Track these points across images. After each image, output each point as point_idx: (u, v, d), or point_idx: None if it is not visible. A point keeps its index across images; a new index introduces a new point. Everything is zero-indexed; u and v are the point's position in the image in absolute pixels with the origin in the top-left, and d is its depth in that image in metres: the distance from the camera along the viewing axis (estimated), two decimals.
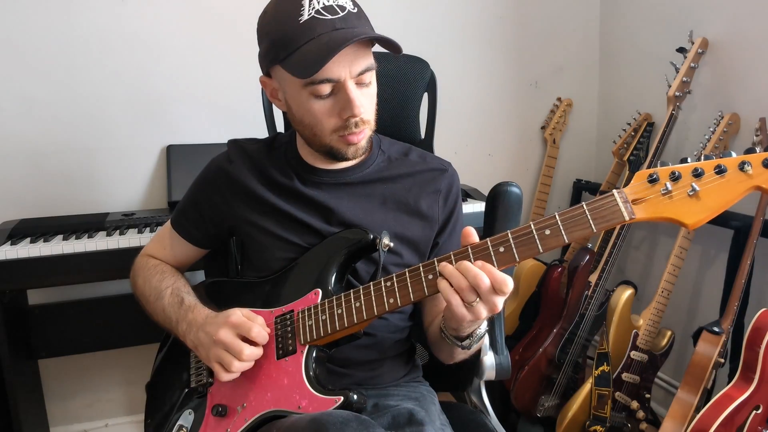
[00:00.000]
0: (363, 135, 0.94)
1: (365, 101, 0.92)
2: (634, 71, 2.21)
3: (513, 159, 2.40)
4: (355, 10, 0.90)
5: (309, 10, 0.87)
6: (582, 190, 2.38)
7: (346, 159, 0.98)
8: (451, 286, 0.77)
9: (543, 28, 2.32)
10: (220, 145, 1.11)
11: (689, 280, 1.96)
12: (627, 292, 1.84)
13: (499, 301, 0.77)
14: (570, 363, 1.86)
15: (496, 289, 0.75)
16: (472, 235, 0.81)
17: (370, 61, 0.91)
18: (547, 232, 0.75)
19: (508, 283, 0.75)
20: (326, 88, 0.89)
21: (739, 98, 1.74)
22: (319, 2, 0.87)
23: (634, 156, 2.03)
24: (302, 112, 0.94)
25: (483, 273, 0.75)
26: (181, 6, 1.91)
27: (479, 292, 0.76)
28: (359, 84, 0.91)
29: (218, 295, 1.06)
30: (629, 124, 2.10)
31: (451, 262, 0.79)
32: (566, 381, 1.88)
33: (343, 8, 0.88)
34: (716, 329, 1.54)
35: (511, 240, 0.77)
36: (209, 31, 1.95)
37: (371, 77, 0.93)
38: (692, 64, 1.76)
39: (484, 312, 0.78)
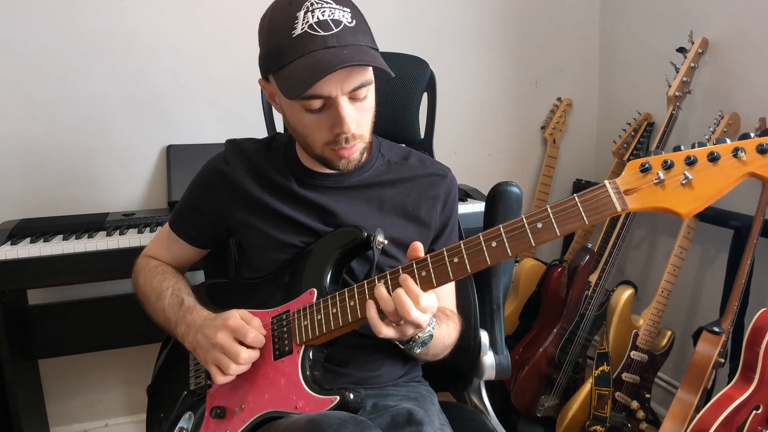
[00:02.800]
0: (355, 149, 0.94)
1: (359, 116, 0.91)
2: (634, 71, 2.21)
3: (513, 159, 2.40)
4: (353, 24, 0.87)
5: (303, 24, 0.84)
6: (582, 190, 2.37)
7: (339, 170, 0.98)
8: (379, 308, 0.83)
9: (543, 28, 2.32)
10: (220, 145, 1.11)
11: (689, 280, 1.96)
12: (627, 292, 1.84)
13: (424, 318, 0.81)
14: (570, 363, 1.86)
15: (401, 313, 0.79)
16: (419, 250, 0.84)
17: (365, 77, 0.88)
18: (539, 225, 0.75)
19: (410, 311, 0.79)
20: (317, 103, 0.88)
21: (739, 98, 1.74)
22: (313, 16, 0.84)
23: (634, 156, 2.03)
24: (295, 122, 0.94)
25: (392, 300, 0.80)
26: (181, 6, 1.91)
27: (388, 314, 0.82)
28: (353, 99, 0.89)
29: (217, 296, 1.06)
30: (629, 124, 2.10)
31: (387, 283, 0.83)
32: (566, 381, 1.88)
33: (338, 23, 0.85)
34: (716, 329, 1.54)
35: (503, 234, 0.77)
36: (209, 31, 1.95)
37: (367, 91, 0.90)
38: (692, 64, 1.76)
39: (408, 329, 0.83)
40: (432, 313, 0.83)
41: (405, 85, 1.37)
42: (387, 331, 0.82)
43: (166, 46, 1.91)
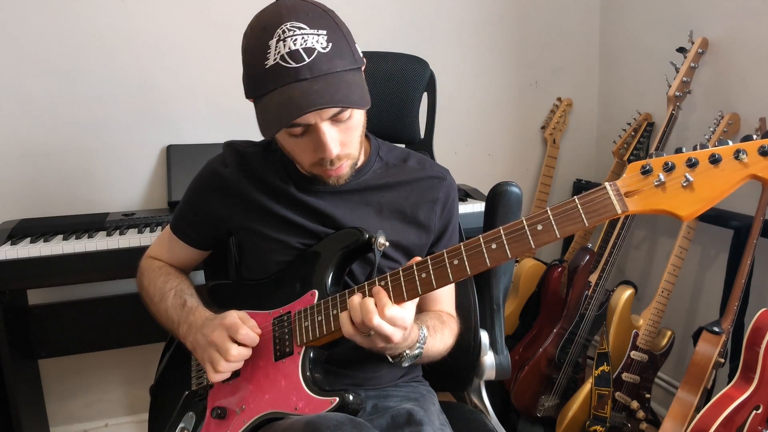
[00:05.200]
0: (343, 168, 0.93)
1: (344, 137, 0.90)
2: (634, 71, 2.21)
3: (513, 159, 2.40)
4: (327, 49, 0.83)
5: (274, 55, 0.82)
6: (582, 190, 2.36)
7: (329, 185, 0.98)
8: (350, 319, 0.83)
9: (543, 28, 2.31)
10: (220, 145, 1.11)
11: (689, 280, 1.96)
12: (627, 292, 1.84)
13: (391, 331, 0.80)
14: (570, 363, 1.86)
15: (364, 320, 0.80)
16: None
17: None
18: (539, 227, 0.75)
19: (372, 318, 0.79)
20: (298, 130, 0.87)
21: (739, 98, 1.74)
22: (285, 45, 0.81)
23: (634, 156, 2.03)
24: (282, 143, 0.95)
25: (359, 308, 0.81)
26: (181, 6, 1.91)
27: (356, 324, 0.82)
28: (336, 121, 0.88)
29: (219, 297, 1.06)
30: (629, 124, 2.10)
31: (364, 292, 0.84)
32: (566, 381, 1.88)
33: (311, 51, 0.82)
34: (716, 329, 1.54)
35: (503, 236, 0.77)
36: (209, 31, 1.95)
37: (351, 112, 0.88)
38: (692, 64, 1.76)
39: (377, 341, 0.82)
40: (403, 327, 0.82)
41: (405, 85, 1.37)
42: (353, 334, 0.83)
43: (167, 45, 1.91)
